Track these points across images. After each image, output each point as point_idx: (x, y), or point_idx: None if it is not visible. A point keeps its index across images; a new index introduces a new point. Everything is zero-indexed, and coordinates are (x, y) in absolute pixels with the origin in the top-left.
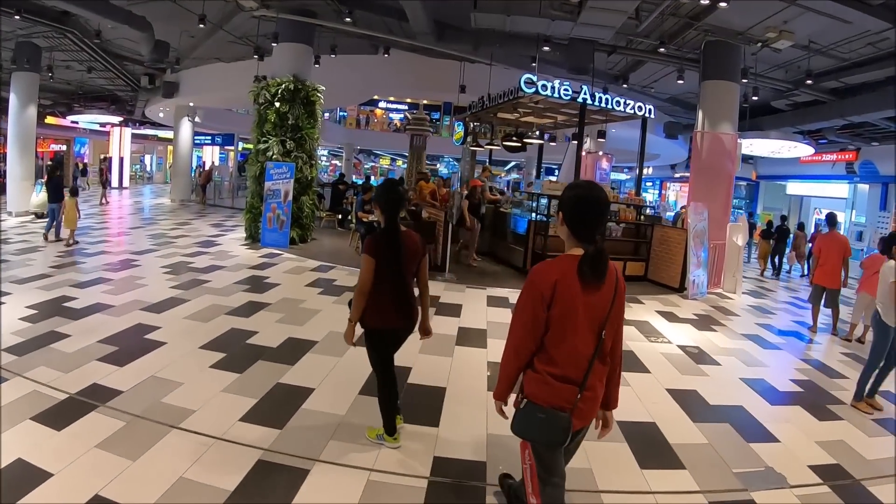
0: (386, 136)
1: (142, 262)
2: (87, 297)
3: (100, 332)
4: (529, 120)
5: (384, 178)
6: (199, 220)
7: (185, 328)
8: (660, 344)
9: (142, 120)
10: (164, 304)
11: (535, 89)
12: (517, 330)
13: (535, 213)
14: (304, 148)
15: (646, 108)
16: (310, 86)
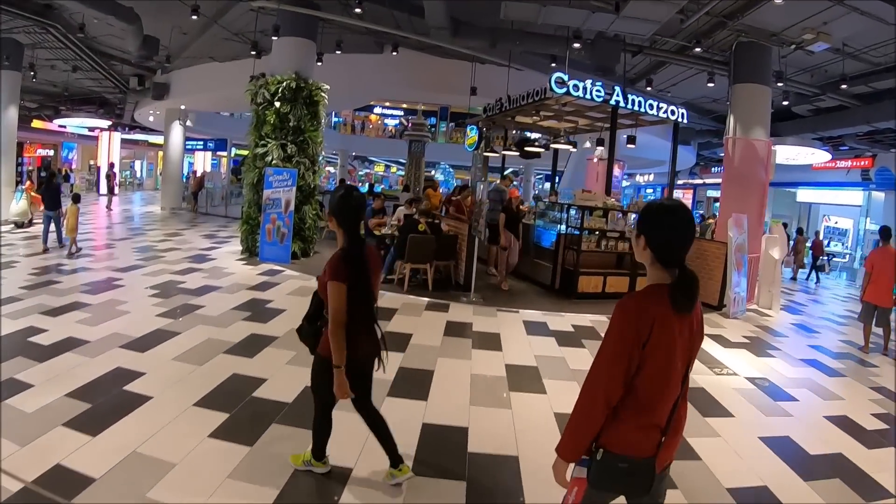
0: (382, 142)
1: (126, 282)
2: (59, 329)
3: (69, 379)
4: (549, 124)
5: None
6: (191, 231)
7: (174, 374)
8: (727, 377)
9: (131, 124)
10: (150, 338)
11: (565, 89)
12: (606, 377)
13: (566, 226)
14: (307, 152)
15: (678, 112)
16: (313, 84)
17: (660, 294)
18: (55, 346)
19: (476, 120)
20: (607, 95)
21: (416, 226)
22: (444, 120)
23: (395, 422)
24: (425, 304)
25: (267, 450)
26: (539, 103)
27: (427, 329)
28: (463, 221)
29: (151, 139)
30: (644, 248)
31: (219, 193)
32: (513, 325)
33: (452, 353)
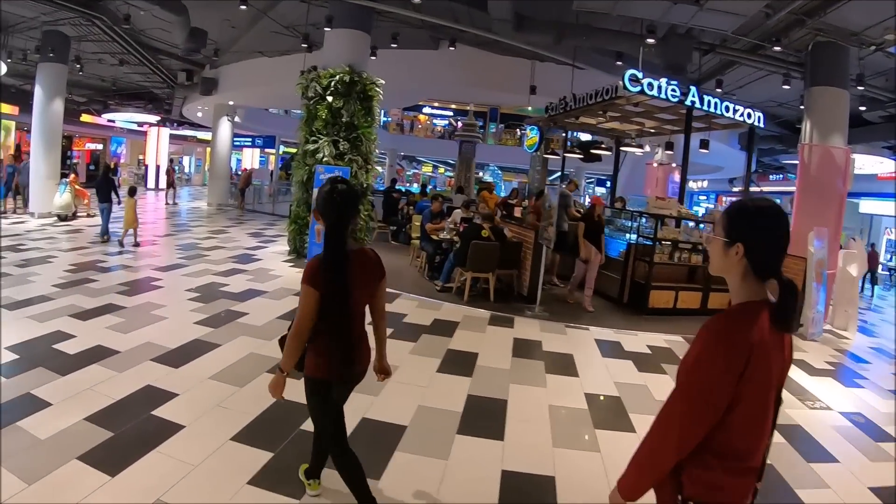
0: (430, 142)
1: (165, 282)
2: (88, 335)
3: (92, 399)
4: (613, 126)
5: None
6: (237, 228)
7: (211, 397)
8: (821, 412)
9: (179, 120)
10: (186, 350)
11: (639, 88)
12: (686, 419)
13: (638, 235)
14: (360, 150)
15: (754, 115)
16: (367, 78)
17: (756, 313)
18: (81, 355)
19: (536, 120)
20: (682, 96)
21: (479, 231)
22: (493, 121)
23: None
24: (488, 317)
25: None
26: (608, 103)
27: (493, 348)
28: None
29: (200, 135)
30: (740, 257)
31: (266, 190)
32: (585, 345)
33: (525, 378)
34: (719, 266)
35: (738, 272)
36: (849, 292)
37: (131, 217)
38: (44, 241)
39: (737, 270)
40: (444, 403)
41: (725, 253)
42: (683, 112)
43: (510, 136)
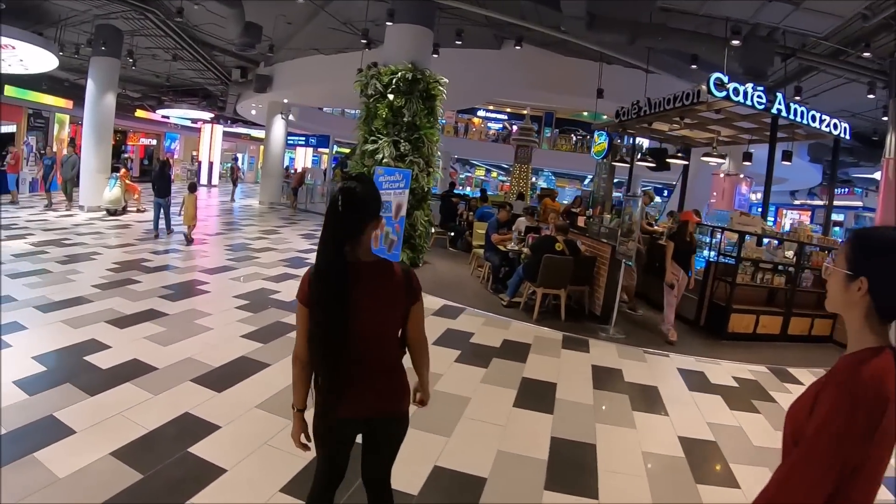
0: (484, 145)
1: (212, 287)
2: (124, 347)
3: (121, 427)
4: (684, 133)
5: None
6: (289, 229)
7: (257, 431)
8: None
9: (233, 117)
10: (231, 370)
11: (725, 93)
12: (814, 483)
13: (718, 253)
14: (422, 151)
15: (841, 126)
16: (430, 76)
17: (890, 363)
18: (114, 371)
19: (605, 124)
20: (768, 103)
21: (553, 244)
22: (548, 126)
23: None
24: (561, 339)
25: None
26: (688, 108)
27: (571, 376)
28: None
29: (253, 133)
30: (863, 294)
31: (318, 190)
32: (668, 375)
33: (611, 416)
34: (838, 302)
35: (860, 311)
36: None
37: (191, 213)
38: (90, 235)
39: (858, 309)
40: (525, 448)
41: (846, 288)
42: (765, 121)
43: (565, 142)
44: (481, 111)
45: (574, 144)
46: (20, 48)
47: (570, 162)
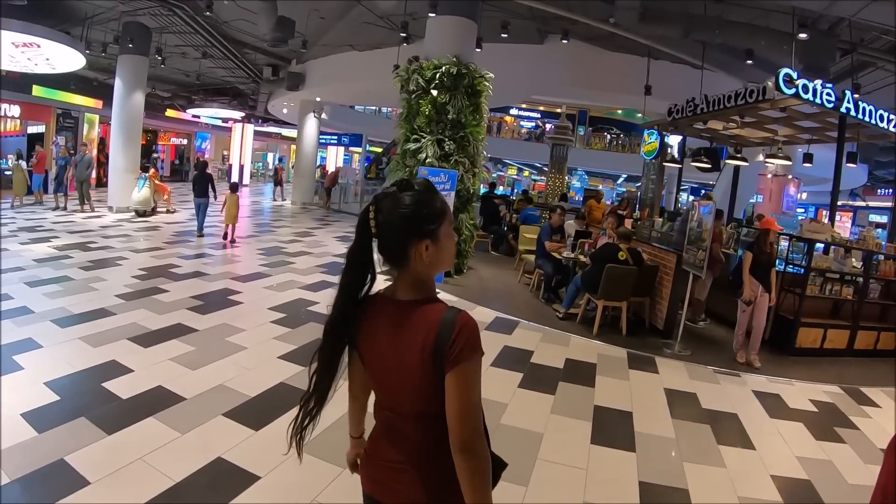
0: (518, 144)
1: (245, 297)
2: (148, 370)
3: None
4: (738, 132)
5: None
6: (323, 231)
7: (303, 482)
8: None
9: (264, 116)
10: (268, 401)
11: (794, 91)
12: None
13: (785, 263)
14: (467, 151)
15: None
16: (475, 71)
17: None
18: (136, 402)
19: (656, 123)
20: (837, 101)
21: (616, 253)
22: (581, 124)
23: None
24: (625, 357)
25: None
26: (751, 106)
27: (645, 403)
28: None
29: (284, 132)
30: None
31: (352, 190)
32: (744, 399)
33: (696, 452)
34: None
35: None
36: None
37: (233, 213)
38: (117, 238)
39: None
40: (614, 496)
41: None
42: (830, 120)
43: (598, 140)
44: (514, 109)
45: (608, 143)
46: (46, 47)
47: (604, 161)
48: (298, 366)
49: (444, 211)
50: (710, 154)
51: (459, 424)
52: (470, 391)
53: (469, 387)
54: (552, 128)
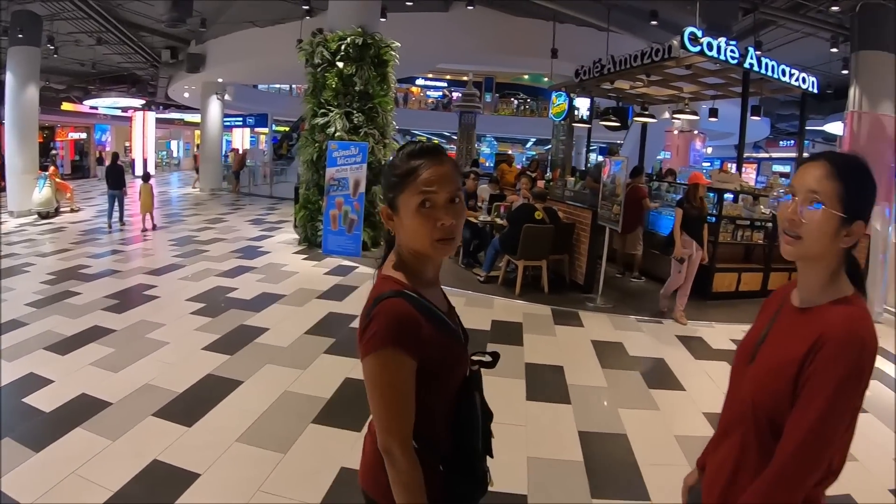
0: (425, 114)
1: (161, 290)
2: (68, 379)
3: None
4: (644, 91)
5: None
6: (235, 215)
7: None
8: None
9: (165, 102)
10: (198, 395)
11: (699, 48)
12: (832, 440)
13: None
14: (376, 122)
15: (809, 80)
16: (381, 41)
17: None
18: (61, 414)
19: (563, 85)
20: (741, 58)
21: (532, 213)
22: (488, 91)
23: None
24: (550, 314)
25: None
26: (657, 65)
27: (574, 356)
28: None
29: (187, 117)
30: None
31: (260, 172)
32: (668, 343)
33: (629, 398)
34: (819, 249)
35: (840, 257)
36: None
37: (148, 202)
38: (21, 244)
39: (839, 255)
40: (556, 450)
41: (837, 233)
42: (733, 76)
43: (506, 106)
44: (420, 79)
45: (516, 108)
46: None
47: (512, 126)
48: (224, 355)
49: (407, 177)
50: (617, 113)
51: (375, 424)
52: (372, 391)
53: (371, 386)
54: (459, 96)
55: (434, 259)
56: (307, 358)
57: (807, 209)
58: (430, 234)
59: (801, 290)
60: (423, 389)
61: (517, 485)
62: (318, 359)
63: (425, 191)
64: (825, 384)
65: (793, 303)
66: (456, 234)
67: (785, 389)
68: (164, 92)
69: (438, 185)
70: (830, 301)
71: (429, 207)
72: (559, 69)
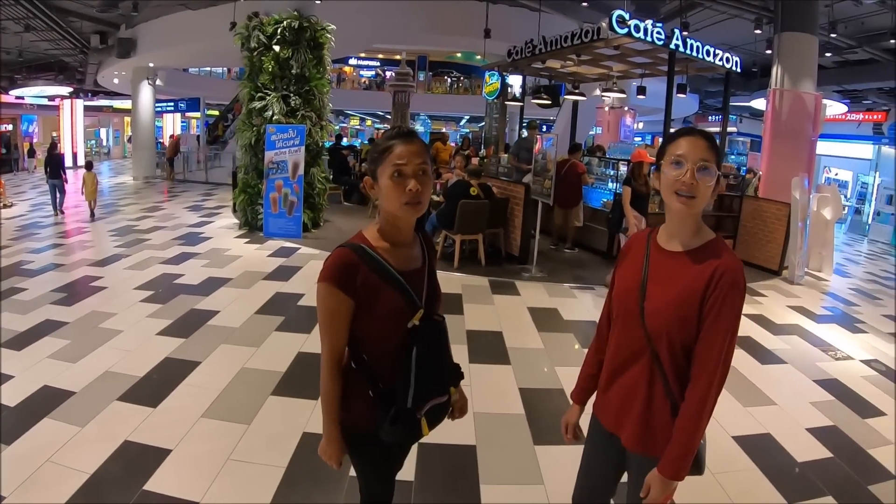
0: (359, 94)
1: (107, 280)
2: (29, 373)
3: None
4: (574, 70)
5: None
6: (172, 203)
7: (215, 446)
8: (845, 362)
9: (94, 89)
10: (158, 377)
11: (627, 30)
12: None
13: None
14: (313, 105)
15: (733, 59)
16: (317, 24)
17: None
18: (27, 407)
19: (496, 64)
20: (667, 39)
21: (468, 189)
22: (421, 69)
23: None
24: (488, 284)
25: None
26: (587, 45)
27: (513, 322)
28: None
29: (116, 104)
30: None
31: (194, 157)
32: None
33: (565, 357)
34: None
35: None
36: (822, 235)
37: (92, 190)
38: None
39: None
40: (500, 406)
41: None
42: (660, 56)
43: (439, 84)
44: (353, 59)
45: (449, 86)
46: None
47: (446, 104)
48: (179, 339)
49: (384, 153)
50: (549, 91)
51: None
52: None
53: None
54: (392, 75)
55: (403, 219)
56: (260, 336)
57: (702, 175)
58: (399, 197)
59: (678, 237)
60: (364, 323)
61: (466, 437)
62: (270, 336)
63: (397, 163)
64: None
65: (666, 248)
66: (422, 199)
67: (692, 316)
68: (92, 79)
69: (408, 159)
70: (704, 243)
71: (399, 177)
72: (492, 48)
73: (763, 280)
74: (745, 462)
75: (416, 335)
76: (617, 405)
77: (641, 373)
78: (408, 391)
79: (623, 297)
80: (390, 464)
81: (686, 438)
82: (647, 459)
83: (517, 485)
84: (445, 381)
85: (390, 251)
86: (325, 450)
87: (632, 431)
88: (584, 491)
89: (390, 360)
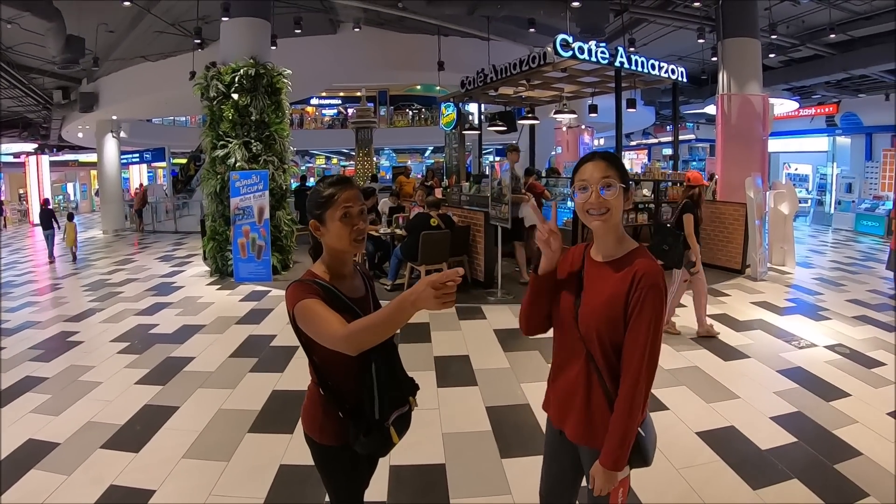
0: (322, 133)
1: (83, 335)
2: (13, 427)
3: None
4: (529, 94)
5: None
6: (143, 254)
7: (197, 484)
8: (809, 349)
9: (59, 144)
10: (139, 424)
11: (571, 53)
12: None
13: None
14: (274, 149)
15: (678, 71)
16: (273, 70)
17: None
18: (14, 460)
19: (451, 96)
20: (611, 57)
21: (428, 220)
22: (383, 104)
23: None
24: (454, 311)
25: None
26: (535, 70)
27: (479, 345)
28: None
29: (81, 158)
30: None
31: (163, 207)
32: None
33: (530, 373)
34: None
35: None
36: (782, 230)
37: (72, 237)
38: None
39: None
40: (467, 425)
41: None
42: (608, 74)
43: (401, 117)
44: (314, 98)
45: (411, 119)
46: None
47: (409, 137)
48: (157, 386)
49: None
50: (504, 117)
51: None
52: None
53: (307, 324)
54: (354, 112)
55: (350, 254)
56: (235, 378)
57: (607, 192)
58: (349, 234)
59: (603, 249)
60: (325, 349)
61: (436, 457)
62: (245, 378)
63: (346, 206)
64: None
65: (595, 259)
66: (365, 236)
67: (618, 316)
68: (57, 134)
69: (353, 202)
70: (627, 252)
71: (347, 217)
72: (447, 80)
73: (726, 280)
74: (709, 455)
75: (373, 352)
76: (560, 400)
77: (580, 371)
78: (374, 404)
79: (563, 307)
80: (361, 476)
81: (620, 430)
82: (594, 452)
83: (486, 497)
84: (405, 391)
85: (339, 282)
86: (427, 291)
87: (574, 425)
88: (547, 492)
89: (353, 378)
